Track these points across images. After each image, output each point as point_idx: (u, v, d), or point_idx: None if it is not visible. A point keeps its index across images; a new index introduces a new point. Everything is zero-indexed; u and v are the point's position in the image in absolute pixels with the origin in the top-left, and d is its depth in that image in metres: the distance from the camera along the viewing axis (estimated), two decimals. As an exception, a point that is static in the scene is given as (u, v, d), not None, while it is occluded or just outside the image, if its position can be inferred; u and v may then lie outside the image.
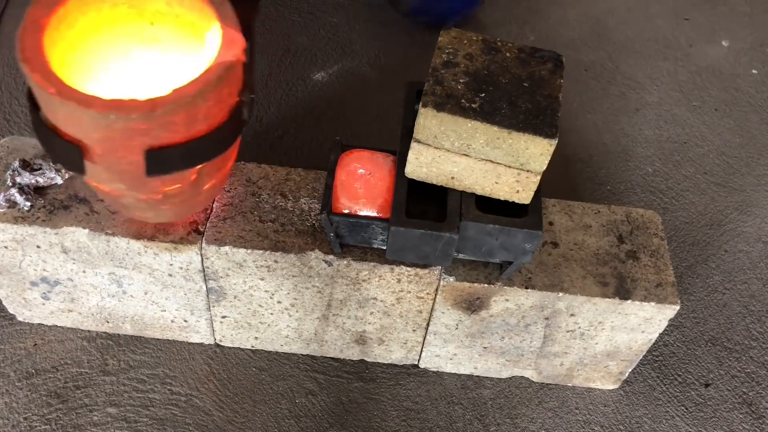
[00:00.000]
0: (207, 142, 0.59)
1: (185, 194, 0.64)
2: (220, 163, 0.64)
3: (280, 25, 1.24)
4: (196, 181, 0.63)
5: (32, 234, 0.71)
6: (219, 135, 0.59)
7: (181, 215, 0.70)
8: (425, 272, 0.71)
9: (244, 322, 0.81)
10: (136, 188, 0.62)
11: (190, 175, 0.61)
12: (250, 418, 0.80)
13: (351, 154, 0.70)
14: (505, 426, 0.82)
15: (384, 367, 0.86)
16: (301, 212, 0.74)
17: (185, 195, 0.64)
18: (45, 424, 0.78)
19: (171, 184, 0.62)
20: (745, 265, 1.00)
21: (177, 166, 0.59)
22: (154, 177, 0.58)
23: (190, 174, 0.61)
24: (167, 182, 0.61)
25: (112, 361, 0.83)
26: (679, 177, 1.10)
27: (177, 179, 0.61)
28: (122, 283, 0.77)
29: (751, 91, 1.25)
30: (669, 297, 0.73)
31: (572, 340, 0.78)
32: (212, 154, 0.60)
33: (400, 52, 1.22)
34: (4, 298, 0.82)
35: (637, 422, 0.84)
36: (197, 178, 0.62)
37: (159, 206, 0.65)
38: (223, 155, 0.62)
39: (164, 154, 0.57)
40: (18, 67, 1.13)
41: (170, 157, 0.57)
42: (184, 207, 0.68)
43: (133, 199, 0.64)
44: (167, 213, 0.68)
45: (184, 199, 0.65)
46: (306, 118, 1.10)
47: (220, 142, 0.60)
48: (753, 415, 0.86)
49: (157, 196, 0.63)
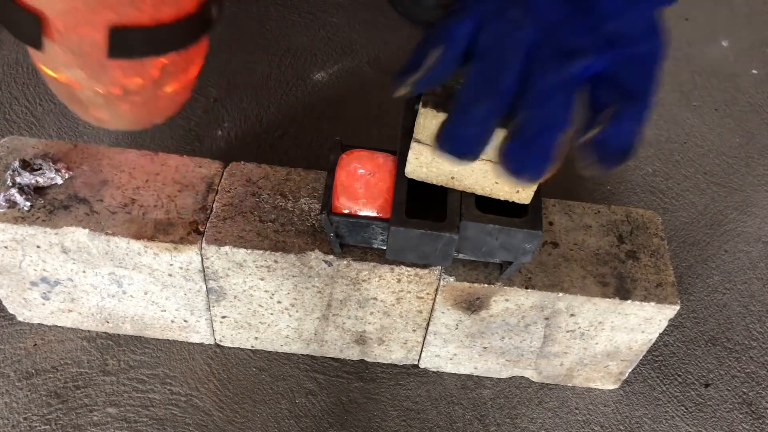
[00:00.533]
0: (172, 30, 0.56)
1: (146, 93, 0.61)
2: (184, 63, 0.61)
3: (280, 25, 1.24)
4: (158, 80, 0.60)
5: (32, 234, 0.71)
6: (185, 26, 0.57)
7: (140, 121, 0.66)
8: (425, 272, 0.71)
9: (244, 322, 0.81)
10: (96, 77, 0.58)
11: (152, 70, 0.59)
12: (250, 418, 0.80)
13: (351, 154, 0.70)
14: (505, 426, 0.82)
15: (384, 367, 0.86)
16: (301, 212, 0.74)
17: (146, 94, 0.62)
18: (45, 424, 0.78)
19: (132, 77, 0.59)
20: (745, 265, 1.00)
21: (141, 50, 0.56)
22: (116, 60, 0.55)
23: (153, 69, 0.59)
24: (128, 73, 0.58)
25: (112, 361, 0.83)
26: (679, 177, 1.10)
27: (138, 71, 0.59)
28: (122, 283, 0.77)
29: (751, 91, 1.25)
30: (669, 297, 0.73)
31: (572, 340, 0.78)
32: (177, 44, 0.58)
33: (400, 52, 1.22)
34: (4, 298, 0.82)
35: (637, 422, 0.84)
36: (160, 76, 0.60)
37: (118, 104, 0.62)
38: (187, 52, 0.59)
39: (129, 36, 0.54)
40: (18, 67, 1.13)
41: (135, 39, 0.55)
42: (145, 110, 0.65)
43: (91, 92, 0.61)
44: (126, 115, 0.65)
45: (145, 99, 0.62)
46: (306, 118, 1.10)
47: (186, 34, 0.58)
48: (753, 415, 0.86)
49: (117, 90, 0.60)
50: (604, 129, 0.43)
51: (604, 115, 0.43)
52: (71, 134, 1.05)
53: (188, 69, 0.65)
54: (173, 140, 1.06)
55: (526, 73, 0.43)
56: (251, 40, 1.21)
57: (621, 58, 0.43)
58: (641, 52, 0.44)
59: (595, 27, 0.43)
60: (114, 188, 0.75)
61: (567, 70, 0.43)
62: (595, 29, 0.43)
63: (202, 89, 1.13)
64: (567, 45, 0.43)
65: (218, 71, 1.16)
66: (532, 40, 0.43)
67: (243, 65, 1.17)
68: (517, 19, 0.44)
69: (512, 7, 0.44)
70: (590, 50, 0.43)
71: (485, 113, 0.45)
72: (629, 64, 0.44)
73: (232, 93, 1.13)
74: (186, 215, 0.73)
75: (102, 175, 0.75)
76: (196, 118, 1.09)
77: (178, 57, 0.60)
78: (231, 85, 1.14)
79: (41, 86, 1.11)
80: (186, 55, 0.61)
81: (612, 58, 0.43)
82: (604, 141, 0.43)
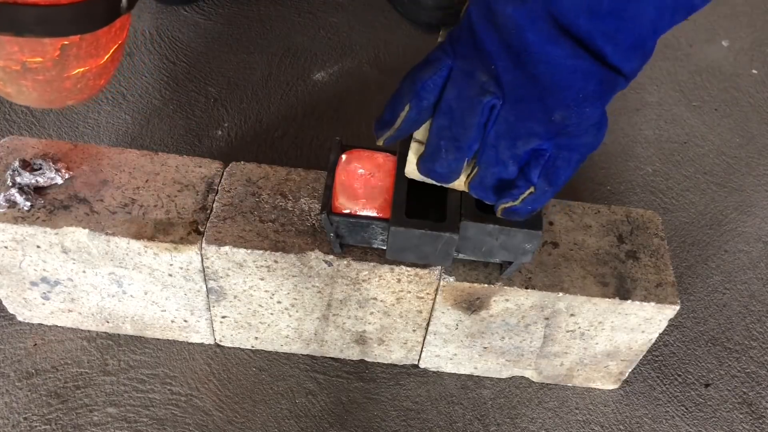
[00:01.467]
0: (69, 12, 0.53)
1: (48, 73, 0.60)
2: (92, 48, 0.59)
3: (280, 25, 1.24)
4: (59, 60, 0.58)
5: (32, 234, 0.71)
6: (86, 9, 0.54)
7: (46, 100, 0.64)
8: (425, 272, 0.71)
9: (244, 322, 0.81)
10: None
11: (51, 50, 0.57)
12: (250, 418, 0.80)
13: (351, 154, 0.70)
14: (505, 426, 0.82)
15: (384, 367, 0.86)
16: (301, 212, 0.74)
17: (48, 74, 0.60)
18: (45, 424, 0.78)
19: (31, 55, 0.57)
20: (745, 265, 1.00)
21: (30, 30, 0.54)
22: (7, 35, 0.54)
23: (52, 49, 0.57)
24: (26, 50, 0.57)
25: (112, 361, 0.83)
26: (679, 177, 1.10)
27: (37, 50, 0.57)
28: (122, 283, 0.77)
29: (751, 91, 1.25)
30: (669, 297, 0.73)
31: (572, 340, 0.78)
32: (76, 27, 0.55)
33: (400, 52, 1.22)
34: (4, 298, 0.82)
35: (637, 422, 0.84)
36: (60, 56, 0.58)
37: (20, 80, 0.60)
38: (94, 37, 0.57)
39: (17, 11, 0.52)
40: (18, 67, 1.13)
41: (24, 16, 0.53)
42: (49, 90, 0.63)
43: None
44: (31, 93, 0.63)
45: (48, 79, 0.61)
46: (306, 118, 1.10)
47: (87, 18, 0.55)
48: (753, 415, 0.86)
49: (16, 66, 0.58)
50: (515, 206, 0.54)
51: (520, 197, 0.53)
52: (71, 134, 1.05)
53: (99, 54, 0.62)
54: (173, 140, 1.06)
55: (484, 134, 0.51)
56: (251, 40, 1.21)
57: (562, 146, 0.50)
58: (578, 144, 0.50)
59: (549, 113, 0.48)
60: (114, 188, 0.75)
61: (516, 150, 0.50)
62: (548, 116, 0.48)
63: (202, 89, 1.13)
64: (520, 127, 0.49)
65: (218, 71, 1.16)
66: (492, 106, 0.49)
67: (243, 65, 1.17)
68: (483, 84, 0.48)
69: (481, 72, 0.48)
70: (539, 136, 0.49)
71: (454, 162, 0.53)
72: (564, 152, 0.50)
73: (232, 93, 1.13)
74: (186, 215, 0.73)
75: (102, 175, 0.75)
76: (196, 118, 1.09)
77: (83, 40, 0.58)
78: (231, 85, 1.14)
79: (41, 86, 1.11)
80: (93, 40, 0.58)
81: (554, 143, 0.50)
82: (514, 211, 0.55)
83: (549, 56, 0.45)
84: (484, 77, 0.48)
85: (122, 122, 1.07)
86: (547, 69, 0.46)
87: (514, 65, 0.47)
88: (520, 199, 0.53)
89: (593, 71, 0.46)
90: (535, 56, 0.46)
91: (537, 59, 0.46)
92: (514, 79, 0.47)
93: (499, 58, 0.47)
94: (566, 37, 0.45)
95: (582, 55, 0.45)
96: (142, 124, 1.08)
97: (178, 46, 1.19)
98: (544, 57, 0.46)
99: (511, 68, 0.47)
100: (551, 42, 0.45)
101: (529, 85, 0.47)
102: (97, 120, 1.07)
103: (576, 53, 0.45)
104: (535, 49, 0.45)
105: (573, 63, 0.45)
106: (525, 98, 0.48)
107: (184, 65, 1.16)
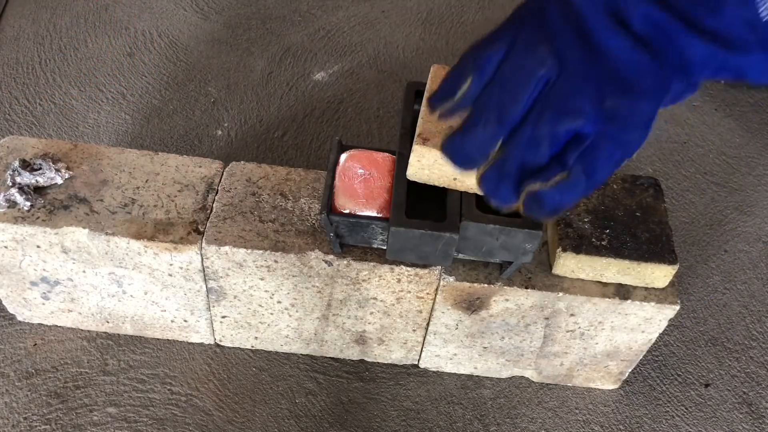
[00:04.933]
0: None
1: None
2: None
3: (280, 25, 1.24)
4: None
5: (32, 234, 0.71)
6: None
7: None
8: (425, 272, 0.71)
9: (244, 322, 0.81)
10: None
11: None
12: (250, 418, 0.80)
13: (351, 154, 0.70)
14: (505, 426, 0.82)
15: (384, 367, 0.86)
16: (301, 212, 0.74)
17: None
18: (45, 424, 0.78)
19: None
20: (745, 265, 1.00)
21: None
22: None
23: None
24: None
25: (112, 361, 0.83)
26: (679, 177, 1.10)
27: None
28: (122, 283, 0.77)
29: (751, 91, 1.25)
30: (669, 297, 0.73)
31: (572, 340, 0.78)
32: None
33: (400, 52, 1.22)
34: (4, 298, 0.82)
35: (637, 422, 0.84)
36: None
37: None
38: None
39: None
40: (18, 67, 1.13)
41: None
42: None
43: None
44: None
45: None
46: (306, 118, 1.10)
47: None
48: (753, 415, 0.86)
49: None
50: (543, 190, 0.47)
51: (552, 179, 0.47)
52: (71, 134, 1.05)
53: None
54: (173, 140, 1.06)
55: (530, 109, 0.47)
56: (251, 40, 1.21)
57: (606, 134, 0.47)
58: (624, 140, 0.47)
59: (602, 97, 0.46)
60: (114, 188, 0.75)
61: (558, 126, 0.46)
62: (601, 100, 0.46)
63: (202, 89, 1.13)
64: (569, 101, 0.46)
65: (218, 71, 1.16)
66: (547, 80, 0.47)
67: (243, 65, 1.17)
68: (543, 57, 0.47)
69: (543, 45, 0.47)
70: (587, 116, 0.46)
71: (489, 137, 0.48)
72: (608, 143, 0.47)
73: (232, 93, 1.13)
74: (186, 215, 0.73)
75: (102, 175, 0.75)
76: (196, 118, 1.09)
77: None
78: (231, 85, 1.14)
79: (41, 86, 1.11)
80: None
81: (599, 131, 0.47)
82: (539, 198, 0.48)
83: (608, 47, 0.46)
84: (545, 50, 0.47)
85: (122, 122, 1.07)
86: (607, 58, 0.46)
87: (578, 45, 0.46)
88: (551, 181, 0.47)
89: (652, 68, 0.46)
90: (597, 44, 0.46)
91: (597, 47, 0.46)
92: (574, 56, 0.47)
93: (564, 35, 0.47)
94: (626, 31, 0.45)
95: (641, 50, 0.45)
96: (142, 124, 1.08)
97: (178, 46, 1.19)
98: (603, 46, 0.46)
99: (574, 47, 0.47)
100: (612, 34, 0.45)
101: (588, 65, 0.46)
102: (97, 120, 1.07)
103: (635, 47, 0.45)
104: (597, 38, 0.46)
105: (632, 56, 0.45)
106: (582, 75, 0.46)
107: (184, 65, 1.16)
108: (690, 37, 0.44)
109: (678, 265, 0.71)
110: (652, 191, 0.75)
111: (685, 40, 0.44)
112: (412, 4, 1.30)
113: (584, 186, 0.48)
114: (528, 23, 0.48)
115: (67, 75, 1.13)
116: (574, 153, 0.47)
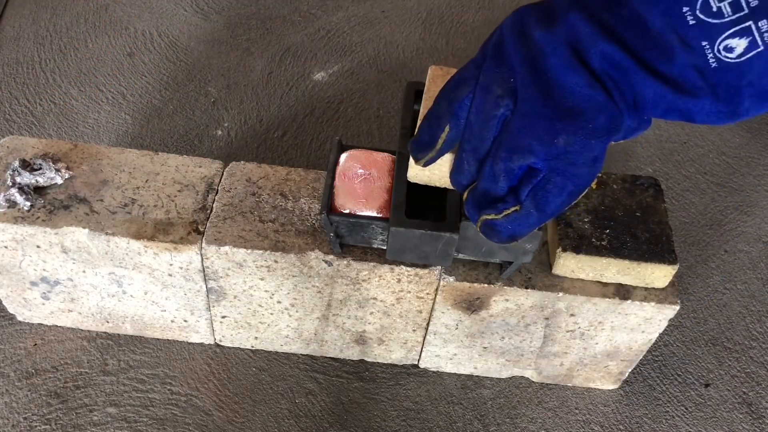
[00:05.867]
0: None
1: None
2: None
3: (280, 25, 1.24)
4: None
5: (32, 234, 0.71)
6: None
7: None
8: (425, 272, 0.71)
9: (244, 322, 0.81)
10: None
11: None
12: (250, 418, 0.80)
13: (351, 154, 0.70)
14: (505, 426, 0.82)
15: (384, 367, 0.86)
16: (301, 212, 0.74)
17: None
18: (45, 424, 0.78)
19: None
20: (745, 265, 1.00)
21: None
22: None
23: None
24: None
25: (112, 361, 0.83)
26: (679, 177, 1.10)
27: None
28: (122, 283, 0.77)
29: (751, 91, 1.25)
30: (669, 297, 0.73)
31: (572, 340, 0.78)
32: None
33: (400, 52, 1.22)
34: (4, 298, 0.82)
35: (637, 422, 0.84)
36: None
37: None
38: None
39: None
40: (18, 67, 1.13)
41: None
42: None
43: None
44: None
45: None
46: (306, 118, 1.10)
47: None
48: (753, 415, 0.86)
49: None
50: (495, 220, 0.52)
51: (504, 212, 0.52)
52: (71, 134, 1.05)
53: None
54: (173, 140, 1.06)
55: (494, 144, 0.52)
56: (251, 40, 1.21)
57: (557, 170, 0.50)
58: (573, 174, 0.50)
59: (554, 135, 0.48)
60: (114, 188, 0.75)
61: (510, 163, 0.50)
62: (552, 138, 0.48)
63: (202, 89, 1.13)
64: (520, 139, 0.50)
65: (218, 71, 1.16)
66: (505, 118, 0.50)
67: (243, 65, 1.17)
68: (498, 98, 0.50)
69: (497, 86, 0.50)
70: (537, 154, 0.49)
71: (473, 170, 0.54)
72: (559, 177, 0.50)
73: (232, 93, 1.13)
74: (186, 215, 0.73)
75: (102, 175, 0.75)
76: (196, 118, 1.09)
77: None
78: (231, 85, 1.14)
79: (41, 86, 1.11)
80: None
81: (550, 167, 0.50)
82: (492, 226, 0.53)
83: (566, 83, 0.47)
84: (500, 90, 0.50)
85: (122, 122, 1.07)
86: (563, 93, 0.48)
87: (533, 82, 0.48)
88: (503, 214, 0.53)
89: (606, 106, 0.47)
90: (554, 80, 0.48)
91: (555, 83, 0.48)
92: (529, 94, 0.49)
93: (521, 72, 0.49)
94: (584, 67, 0.47)
95: (597, 87, 0.47)
96: (142, 124, 1.08)
97: (178, 46, 1.19)
98: (561, 82, 0.47)
99: (530, 84, 0.48)
100: (570, 70, 0.47)
101: (541, 103, 0.48)
102: (97, 120, 1.07)
103: (591, 84, 0.47)
104: (555, 74, 0.47)
105: (588, 93, 0.47)
106: (534, 114, 0.49)
107: (184, 65, 1.16)
108: (644, 76, 0.46)
109: (678, 265, 0.70)
110: (652, 191, 0.75)
111: (639, 78, 0.46)
112: (412, 4, 1.30)
113: (536, 218, 0.52)
114: (489, 59, 0.51)
115: (67, 75, 1.13)
116: (528, 187, 0.51)
